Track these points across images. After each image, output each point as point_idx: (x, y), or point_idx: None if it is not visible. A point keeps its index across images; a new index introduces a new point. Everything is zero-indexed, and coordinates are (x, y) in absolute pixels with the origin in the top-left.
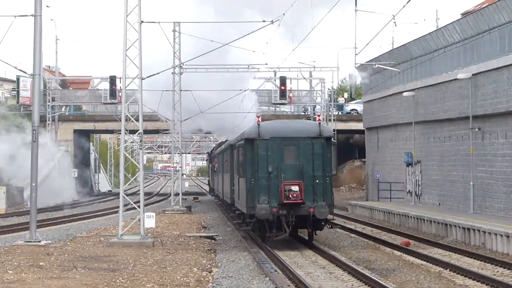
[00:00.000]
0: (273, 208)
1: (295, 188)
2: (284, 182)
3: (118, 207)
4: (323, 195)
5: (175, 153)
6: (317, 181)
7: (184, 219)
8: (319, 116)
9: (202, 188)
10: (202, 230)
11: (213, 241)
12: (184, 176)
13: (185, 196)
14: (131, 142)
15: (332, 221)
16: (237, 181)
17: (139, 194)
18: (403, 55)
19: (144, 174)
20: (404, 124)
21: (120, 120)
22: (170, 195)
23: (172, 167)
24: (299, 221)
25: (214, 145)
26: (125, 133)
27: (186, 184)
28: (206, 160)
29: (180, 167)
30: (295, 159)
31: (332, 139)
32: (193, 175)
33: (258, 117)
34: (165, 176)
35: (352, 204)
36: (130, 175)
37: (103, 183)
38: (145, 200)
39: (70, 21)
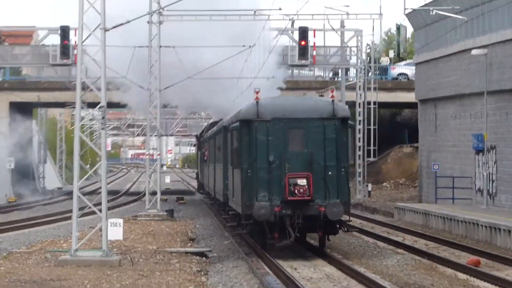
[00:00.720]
0: (275, 207)
1: (302, 181)
2: (289, 174)
3: (70, 211)
4: (337, 190)
5: (151, 135)
6: (329, 173)
7: (164, 228)
8: (332, 91)
9: (189, 184)
10: (189, 244)
11: (204, 258)
12: (165, 167)
13: (165, 196)
14: (90, 120)
15: (348, 222)
16: (231, 173)
17: (100, 193)
18: None
19: (109, 164)
20: (473, 94)
21: (75, 89)
22: (144, 194)
23: (147, 154)
24: (307, 223)
25: (205, 125)
26: (82, 107)
27: (167, 180)
28: (194, 145)
29: (159, 155)
30: (303, 146)
31: (349, 121)
32: (177, 166)
33: (256, 92)
34: (137, 167)
35: (400, 207)
36: (88, 166)
37: (50, 178)
38: (109, 201)
39: None
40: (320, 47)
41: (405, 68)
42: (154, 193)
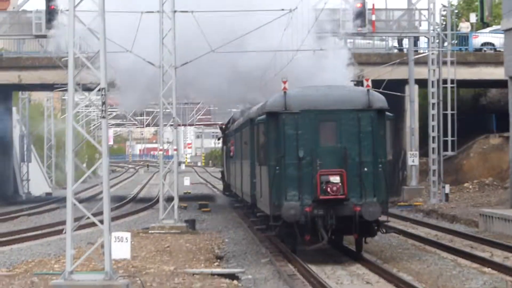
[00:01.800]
0: (306, 206)
1: (335, 179)
2: (321, 171)
3: (63, 223)
4: (373, 188)
5: (165, 125)
6: (365, 169)
7: (184, 243)
8: (367, 80)
9: (214, 187)
10: (216, 263)
11: (235, 282)
12: (183, 166)
13: (185, 203)
14: (85, 107)
15: (386, 223)
16: (258, 171)
17: (101, 199)
18: None
19: (112, 163)
20: None
21: (66, 67)
22: (158, 201)
23: (161, 150)
24: (341, 224)
25: (232, 115)
26: (76, 90)
27: (187, 182)
28: (219, 138)
29: (175, 150)
30: (335, 140)
31: (387, 112)
32: (199, 163)
33: (284, 82)
34: (148, 166)
35: (486, 214)
36: (85, 165)
37: (37, 181)
38: (113, 210)
39: None
40: (381, 10)
41: (491, 37)
42: (170, 199)
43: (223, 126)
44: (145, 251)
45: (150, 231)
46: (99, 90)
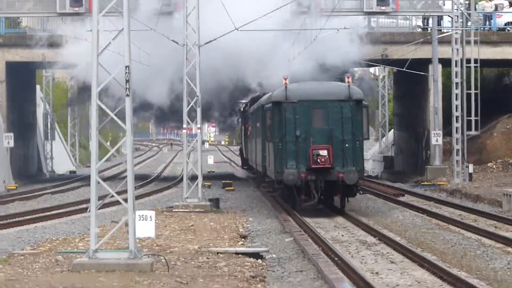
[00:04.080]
0: (302, 173)
1: (324, 152)
2: (313, 146)
3: (87, 201)
4: (353, 160)
5: (189, 106)
6: (346, 145)
7: (208, 222)
8: (348, 78)
9: (238, 165)
10: (240, 242)
11: (259, 261)
12: (207, 145)
13: (209, 182)
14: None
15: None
16: (267, 146)
17: (125, 178)
18: None
19: (136, 141)
20: None
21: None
22: (182, 179)
23: (184, 128)
24: (328, 187)
25: (249, 100)
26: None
27: (211, 160)
28: (237, 120)
29: (199, 128)
30: (324, 123)
31: (364, 102)
32: (223, 142)
33: (285, 79)
34: (171, 145)
35: (509, 193)
36: (109, 143)
37: (61, 159)
38: (137, 188)
39: None
40: None
41: None
42: (194, 178)
43: (241, 109)
44: (169, 229)
45: (174, 210)
46: (125, 67)
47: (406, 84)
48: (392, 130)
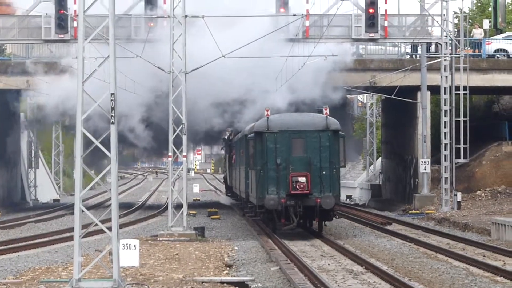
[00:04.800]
0: (282, 198)
1: (302, 179)
2: (292, 173)
3: (70, 230)
4: (330, 186)
5: (176, 133)
6: (324, 172)
7: (193, 251)
8: (326, 109)
9: (224, 193)
10: (225, 271)
11: None
12: (192, 173)
13: (194, 210)
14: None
15: (337, 212)
16: (250, 173)
17: (109, 206)
18: None
19: (121, 169)
20: None
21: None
22: (167, 208)
23: (169, 156)
24: (307, 211)
25: (232, 129)
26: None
27: (196, 189)
28: (222, 148)
29: (185, 156)
30: (303, 152)
31: (340, 132)
32: (208, 170)
33: (267, 110)
34: (156, 173)
35: (498, 222)
36: (93, 171)
37: (44, 187)
38: (121, 216)
39: None
40: (394, 15)
41: (504, 43)
42: (179, 206)
43: (225, 138)
44: (154, 258)
45: (158, 239)
46: (111, 95)
47: (394, 112)
48: (380, 158)
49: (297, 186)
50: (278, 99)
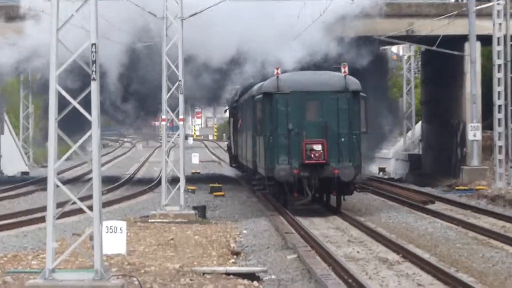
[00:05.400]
0: (294, 169)
1: (318, 147)
2: (306, 140)
3: (42, 209)
4: (349, 155)
5: (171, 91)
6: (342, 139)
7: (192, 235)
8: (344, 67)
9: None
10: (232, 260)
11: (255, 284)
12: (191, 140)
13: (193, 186)
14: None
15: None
16: (257, 140)
17: (90, 180)
18: None
19: (104, 135)
20: None
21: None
22: (160, 183)
23: (163, 120)
24: (323, 184)
25: (238, 88)
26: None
27: (195, 159)
28: (225, 110)
29: (182, 120)
30: (318, 115)
31: (361, 93)
32: (211, 137)
33: (277, 68)
34: (147, 141)
35: None
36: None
37: (10, 157)
38: (105, 193)
39: None
40: None
41: None
42: (175, 181)
43: (230, 99)
44: (144, 244)
45: (150, 220)
46: (92, 46)
47: (436, 66)
48: (420, 122)
49: (312, 155)
50: (291, 54)
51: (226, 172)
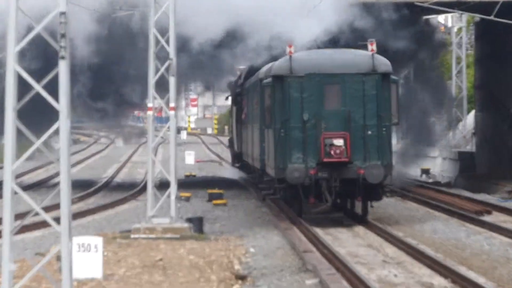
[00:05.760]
0: (310, 169)
1: (339, 142)
2: (325, 134)
3: None
4: (377, 151)
5: (159, 72)
6: (369, 132)
7: (185, 254)
8: (372, 44)
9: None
10: (236, 286)
11: None
12: (184, 135)
13: (187, 192)
14: None
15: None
16: (266, 134)
17: (57, 186)
18: None
19: (75, 129)
20: None
21: None
22: (145, 188)
23: (149, 109)
24: (346, 187)
25: (243, 70)
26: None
27: (190, 159)
28: (227, 97)
29: (173, 109)
30: (340, 103)
31: (393, 76)
32: (210, 131)
33: (289, 46)
34: (125, 139)
35: None
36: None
37: None
38: (75, 202)
39: None
40: None
41: None
42: (164, 186)
43: (233, 82)
44: (126, 266)
45: (133, 236)
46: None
47: (494, 41)
48: (473, 111)
49: (332, 152)
50: (307, 28)
51: (228, 175)
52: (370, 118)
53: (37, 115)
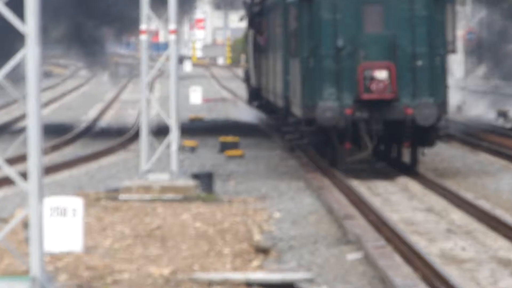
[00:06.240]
0: (346, 108)
1: (382, 74)
2: (364, 64)
3: None
4: (429, 86)
5: None
6: (419, 62)
7: (190, 221)
8: None
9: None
10: (256, 262)
11: None
12: (188, 65)
13: (192, 141)
14: None
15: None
16: (291, 65)
17: (23, 131)
18: None
19: (47, 57)
20: None
21: None
22: (137, 135)
23: (142, 31)
24: (390, 130)
25: None
26: None
27: (196, 97)
28: (242, 18)
29: (174, 32)
30: (383, 27)
31: None
32: (221, 61)
33: None
34: (116, 64)
35: None
36: None
37: None
38: (48, 152)
39: None
40: None
41: None
42: (162, 132)
43: (250, 0)
44: (113, 236)
45: (121, 197)
46: None
47: None
48: None
49: (373, 87)
50: None
51: (244, 117)
52: (421, 45)
53: None
